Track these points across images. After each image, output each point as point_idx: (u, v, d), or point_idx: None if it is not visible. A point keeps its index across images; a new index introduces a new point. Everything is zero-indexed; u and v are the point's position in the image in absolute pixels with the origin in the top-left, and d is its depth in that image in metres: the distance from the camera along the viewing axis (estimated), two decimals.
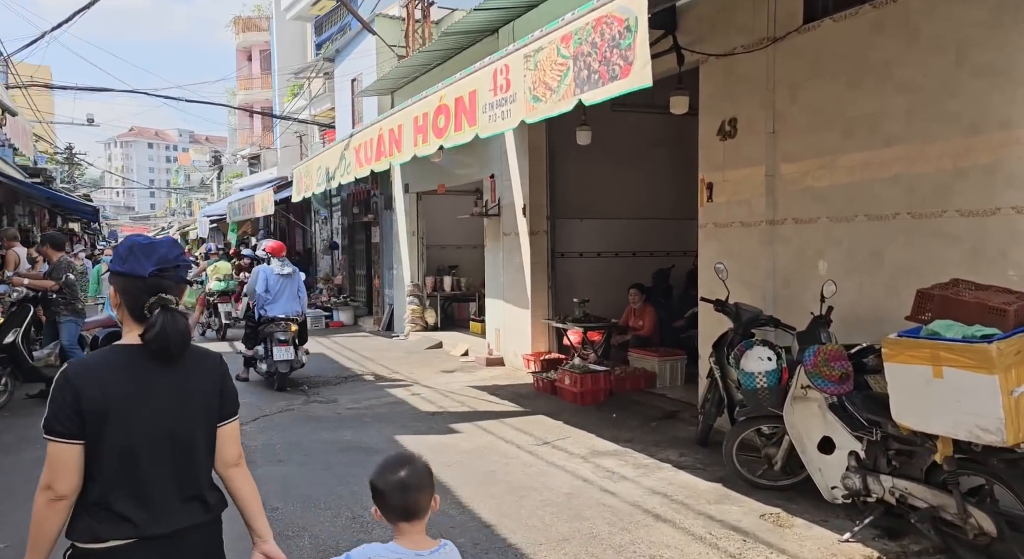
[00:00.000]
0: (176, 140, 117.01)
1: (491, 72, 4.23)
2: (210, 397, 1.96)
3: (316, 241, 19.59)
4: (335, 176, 7.72)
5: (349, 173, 7.19)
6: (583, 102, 3.53)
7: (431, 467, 2.01)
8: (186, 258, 2.06)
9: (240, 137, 44.91)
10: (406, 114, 5.52)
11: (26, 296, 7.28)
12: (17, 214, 19.92)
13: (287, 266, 8.65)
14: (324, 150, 9.05)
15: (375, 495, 1.93)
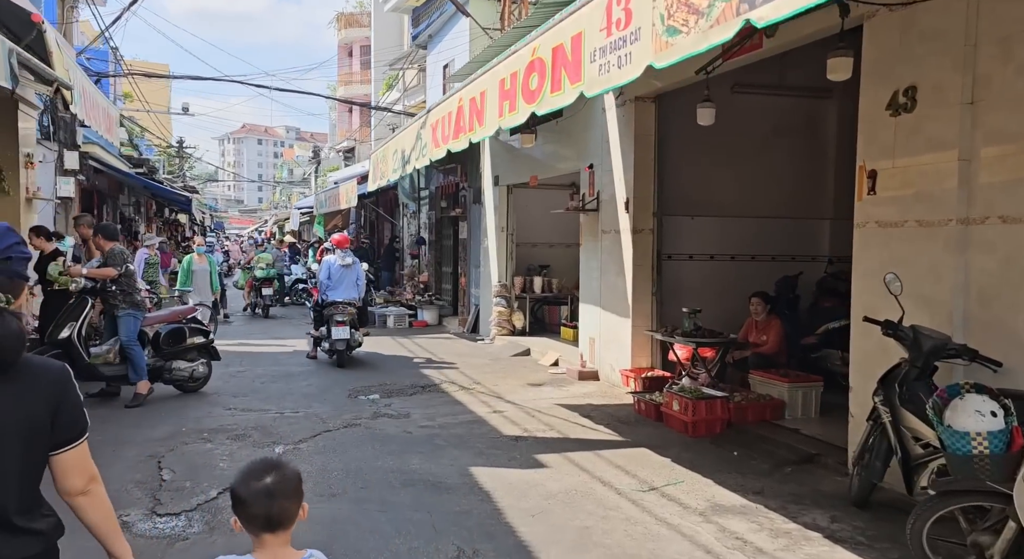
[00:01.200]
0: (283, 137, 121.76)
1: (604, 4, 3.14)
2: (37, 420, 1.68)
3: (403, 236, 19.03)
4: (411, 159, 6.86)
5: (425, 155, 6.30)
6: (754, 24, 2.38)
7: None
8: (22, 249, 1.76)
9: (339, 132, 45.69)
10: (490, 78, 4.53)
11: (83, 288, 6.77)
12: (121, 204, 20.44)
13: (348, 257, 9.80)
14: (400, 131, 8.23)
15: (236, 504, 1.75)
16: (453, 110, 5.40)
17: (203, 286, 11.64)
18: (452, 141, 5.44)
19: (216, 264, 12.33)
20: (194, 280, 11.78)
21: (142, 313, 7.14)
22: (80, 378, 6.74)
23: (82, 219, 8.96)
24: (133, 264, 7.14)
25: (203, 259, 11.92)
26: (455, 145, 5.55)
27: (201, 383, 7.69)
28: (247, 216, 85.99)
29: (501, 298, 11.95)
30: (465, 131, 5.15)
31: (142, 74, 15.65)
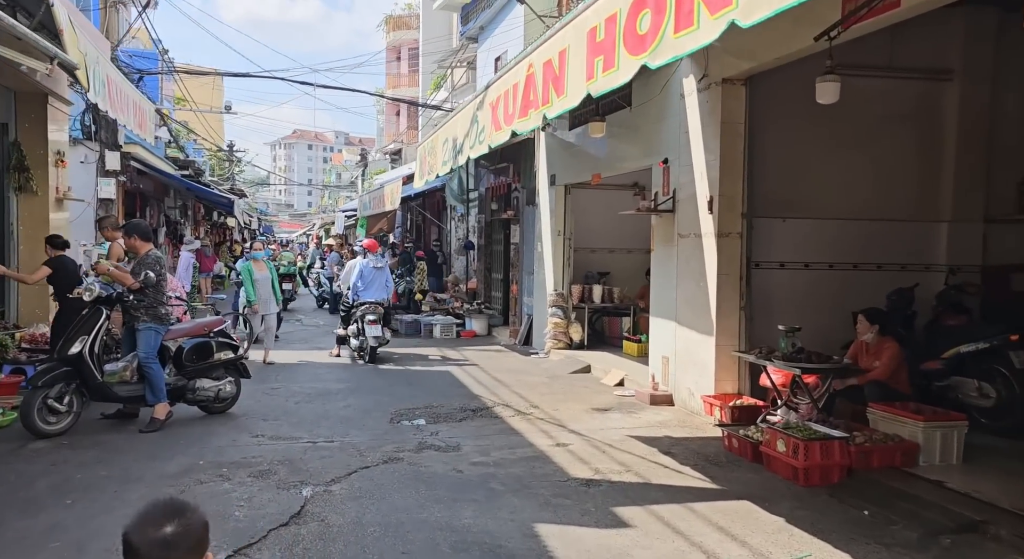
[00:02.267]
0: (332, 141, 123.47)
1: None
2: None
3: (451, 240, 18.20)
4: (463, 148, 5.94)
5: (482, 141, 5.36)
6: None
7: None
8: None
9: (386, 135, 45.49)
10: (574, 31, 3.54)
11: (99, 297, 6.03)
12: (167, 207, 20.13)
13: (380, 260, 10.71)
14: (451, 117, 7.31)
15: (126, 552, 1.48)
16: (520, 80, 4.43)
17: (267, 297, 10.16)
18: (519, 120, 4.46)
19: (276, 271, 10.71)
20: (259, 290, 10.27)
21: (165, 327, 6.36)
22: (93, 398, 6.03)
23: (106, 221, 8.26)
24: (164, 271, 6.36)
25: (262, 266, 10.27)
26: (523, 124, 4.55)
27: (228, 404, 6.89)
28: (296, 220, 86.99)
29: (557, 308, 10.95)
30: (537, 105, 4.17)
31: (185, 71, 15.19)
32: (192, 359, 6.57)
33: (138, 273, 6.18)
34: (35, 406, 5.60)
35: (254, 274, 9.99)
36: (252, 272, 9.98)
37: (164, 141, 18.18)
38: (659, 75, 7.58)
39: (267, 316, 9.99)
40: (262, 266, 10.15)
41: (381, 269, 10.54)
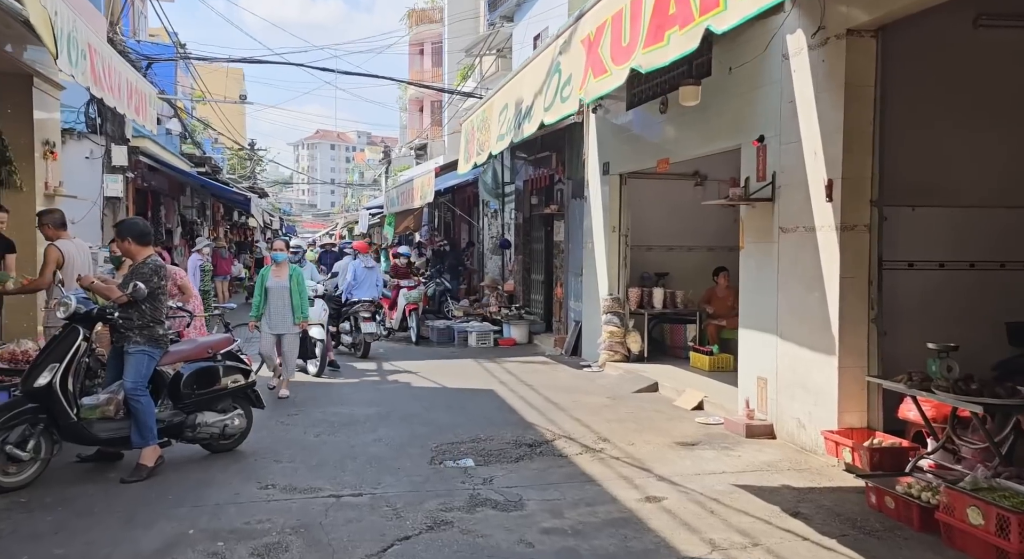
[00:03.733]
0: (355, 141, 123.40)
1: None
2: None
3: (484, 238, 16.91)
4: (532, 112, 4.62)
5: (568, 97, 4.05)
6: None
7: None
8: None
9: (409, 132, 44.47)
10: None
11: (75, 313, 4.80)
12: (183, 206, 19.10)
13: (369, 261, 11.39)
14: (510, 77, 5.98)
15: None
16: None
17: (279, 310, 7.91)
18: (647, 52, 3.01)
19: (305, 278, 8.54)
20: (268, 303, 7.94)
21: (160, 351, 5.13)
22: (66, 439, 4.81)
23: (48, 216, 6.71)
24: (165, 283, 5.12)
25: (283, 272, 8.05)
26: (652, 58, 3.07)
27: (236, 440, 5.66)
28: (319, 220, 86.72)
29: (612, 315, 9.60)
30: (690, 18, 2.73)
31: (198, 58, 14.08)
32: (193, 388, 5.33)
33: (124, 285, 4.95)
34: None
35: (267, 280, 8.02)
36: (266, 278, 8.06)
37: (177, 134, 17.10)
38: (753, 36, 6.20)
39: (283, 337, 7.96)
40: (282, 271, 8.07)
41: (371, 269, 11.10)
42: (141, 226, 5.30)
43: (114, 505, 4.45)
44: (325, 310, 9.55)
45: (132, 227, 5.26)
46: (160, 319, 5.16)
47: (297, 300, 8.02)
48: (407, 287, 13.02)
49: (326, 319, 9.41)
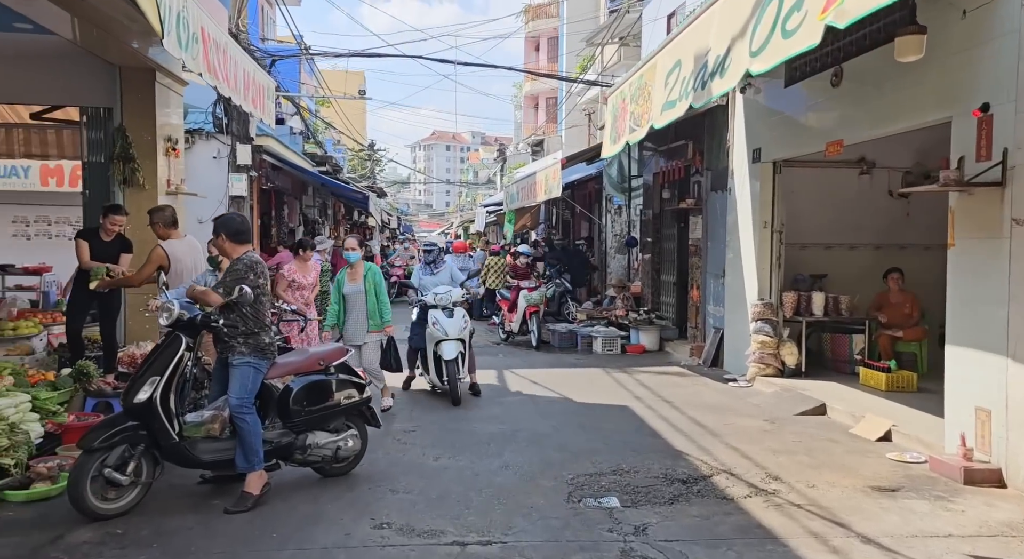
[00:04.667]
0: (469, 142, 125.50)
1: None
2: None
3: (606, 236, 15.91)
4: (730, 63, 3.66)
5: (795, 33, 3.06)
6: None
7: None
8: None
9: (524, 130, 44.11)
10: None
11: (178, 319, 4.31)
12: (305, 205, 19.33)
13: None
14: (692, 20, 4.93)
15: None
16: None
17: (355, 319, 7.02)
18: None
19: (382, 279, 7.28)
20: (346, 310, 7.07)
21: (267, 362, 4.57)
22: (169, 461, 4.28)
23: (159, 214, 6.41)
24: (264, 282, 4.55)
25: (357, 274, 7.09)
26: None
27: (350, 463, 5.04)
28: (435, 219, 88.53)
29: (764, 323, 8.39)
30: None
31: (319, 54, 13.96)
32: (303, 405, 4.75)
33: (229, 287, 4.42)
34: (87, 477, 3.96)
35: (344, 286, 7.02)
36: (342, 284, 7.06)
37: (299, 133, 17.21)
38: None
39: (362, 348, 6.96)
40: (357, 274, 7.05)
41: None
42: (237, 222, 4.70)
43: (214, 544, 3.87)
44: (466, 322, 7.63)
45: (227, 223, 4.68)
46: (264, 325, 4.60)
47: (373, 304, 6.99)
48: (527, 288, 12.26)
49: (468, 334, 7.63)
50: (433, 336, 7.48)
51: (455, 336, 7.38)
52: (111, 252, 6.45)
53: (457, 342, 7.39)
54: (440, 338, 7.41)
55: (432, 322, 7.50)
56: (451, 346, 7.35)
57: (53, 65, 7.64)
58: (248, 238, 4.71)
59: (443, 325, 7.44)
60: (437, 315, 7.50)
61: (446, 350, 7.33)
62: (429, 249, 8.55)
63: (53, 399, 5.38)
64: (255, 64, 7.98)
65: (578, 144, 22.22)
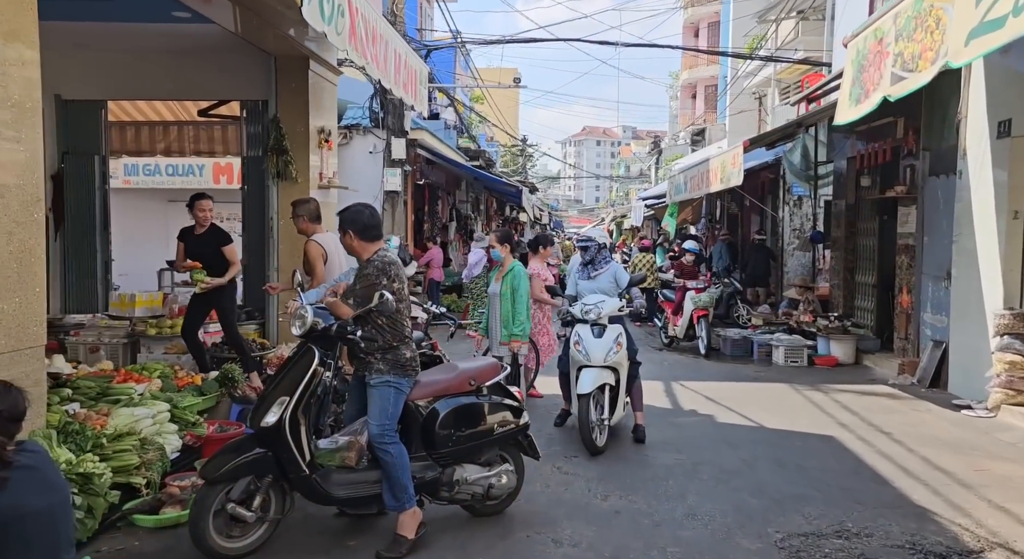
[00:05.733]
0: (620, 136, 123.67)
1: None
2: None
3: (783, 231, 14.19)
4: None
5: None
6: None
7: None
8: None
9: (681, 120, 42.15)
10: None
11: (311, 329, 3.68)
12: (458, 200, 19.15)
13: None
14: None
15: None
16: None
17: (493, 326, 6.37)
18: None
19: (524, 282, 6.24)
20: (489, 314, 6.45)
21: (409, 380, 3.86)
22: (299, 492, 3.56)
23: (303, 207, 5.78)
24: (401, 286, 3.85)
25: (501, 272, 6.38)
26: None
27: (503, 502, 4.24)
28: (584, 215, 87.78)
29: (1015, 338, 6.67)
30: None
31: (472, 42, 13.48)
32: (451, 432, 3.99)
33: (362, 295, 3.73)
34: (208, 513, 3.42)
35: (491, 285, 6.40)
36: (489, 284, 6.45)
37: (453, 128, 16.93)
38: None
39: (502, 360, 5.74)
40: (500, 275, 6.31)
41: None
42: (366, 217, 3.90)
43: None
44: (620, 344, 5.94)
45: (356, 218, 3.87)
46: (404, 336, 3.87)
47: (507, 310, 5.98)
48: (695, 289, 11.01)
49: (624, 359, 5.81)
50: (575, 360, 5.73)
51: (599, 362, 5.58)
52: (208, 247, 6.12)
53: (602, 371, 5.60)
54: (582, 363, 5.64)
55: (574, 341, 5.75)
56: (590, 376, 5.54)
57: (213, 59, 7.56)
58: (379, 234, 3.96)
59: (586, 346, 5.63)
60: (581, 333, 5.72)
61: (582, 381, 5.54)
62: (585, 245, 6.30)
63: (196, 405, 5.04)
64: (408, 47, 7.44)
65: (746, 131, 20.35)
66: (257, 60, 7.44)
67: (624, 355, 5.76)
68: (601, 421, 5.55)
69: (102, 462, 3.67)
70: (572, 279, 6.34)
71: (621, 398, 5.82)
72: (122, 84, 7.93)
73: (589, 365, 5.61)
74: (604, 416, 5.58)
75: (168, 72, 7.74)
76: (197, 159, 12.00)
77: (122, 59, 7.68)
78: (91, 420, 4.22)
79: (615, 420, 5.76)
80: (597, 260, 6.20)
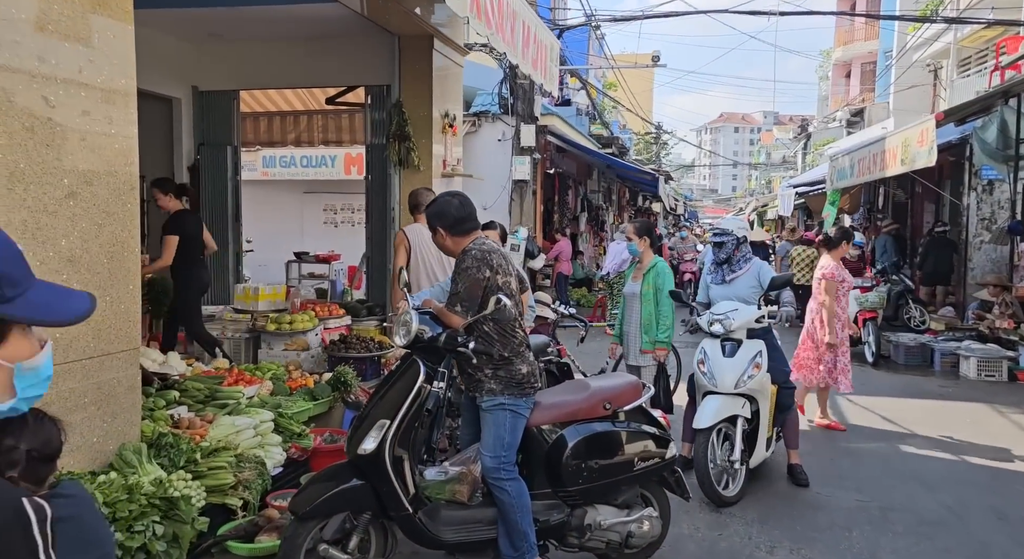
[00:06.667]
0: (760, 122, 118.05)
1: None
2: None
3: (968, 221, 12.24)
4: None
5: None
6: None
7: None
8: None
9: (832, 103, 38.97)
10: None
11: (416, 339, 3.10)
12: (590, 190, 18.34)
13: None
14: None
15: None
16: None
17: (630, 330, 5.15)
18: None
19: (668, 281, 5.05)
20: (625, 317, 5.23)
21: (528, 402, 3.20)
22: (401, 530, 2.94)
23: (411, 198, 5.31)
24: (507, 280, 3.19)
25: (640, 269, 5.16)
26: None
27: (643, 551, 3.48)
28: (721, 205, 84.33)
29: None
30: None
31: (606, 19, 12.61)
32: (581, 467, 3.28)
33: (466, 298, 3.09)
34: (299, 552, 2.93)
35: (627, 284, 5.31)
36: (625, 282, 5.44)
37: (585, 114, 16.13)
38: None
39: (642, 370, 5.00)
40: (640, 271, 5.14)
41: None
42: (455, 208, 3.18)
43: None
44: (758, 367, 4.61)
45: (442, 212, 3.18)
46: (518, 348, 3.20)
47: (649, 313, 4.97)
48: (861, 288, 9.62)
49: (761, 386, 4.62)
50: (700, 385, 4.67)
51: (728, 388, 4.46)
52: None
53: (730, 400, 4.46)
54: (707, 388, 4.57)
55: (698, 360, 4.69)
56: (712, 406, 4.45)
57: (339, 44, 7.30)
58: (475, 224, 3.26)
59: (712, 367, 4.55)
60: (708, 350, 4.66)
61: (702, 412, 4.45)
62: (720, 240, 4.89)
63: (306, 411, 4.66)
64: (538, 19, 6.78)
65: (917, 109, 18.04)
66: (381, 43, 7.08)
67: (765, 379, 4.57)
68: (731, 463, 4.42)
69: (195, 480, 3.30)
70: (703, 282, 5.17)
71: (762, 435, 4.62)
72: (253, 73, 7.86)
73: (714, 391, 4.51)
74: (734, 457, 4.41)
75: (295, 59, 7.58)
76: (329, 150, 12.03)
77: (253, 48, 7.60)
78: (195, 427, 3.91)
79: (755, 462, 4.62)
80: (735, 259, 4.86)
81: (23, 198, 2.84)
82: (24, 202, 2.84)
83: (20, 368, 1.04)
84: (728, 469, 4.45)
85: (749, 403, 4.53)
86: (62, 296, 1.07)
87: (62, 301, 1.07)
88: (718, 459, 4.41)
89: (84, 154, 3.11)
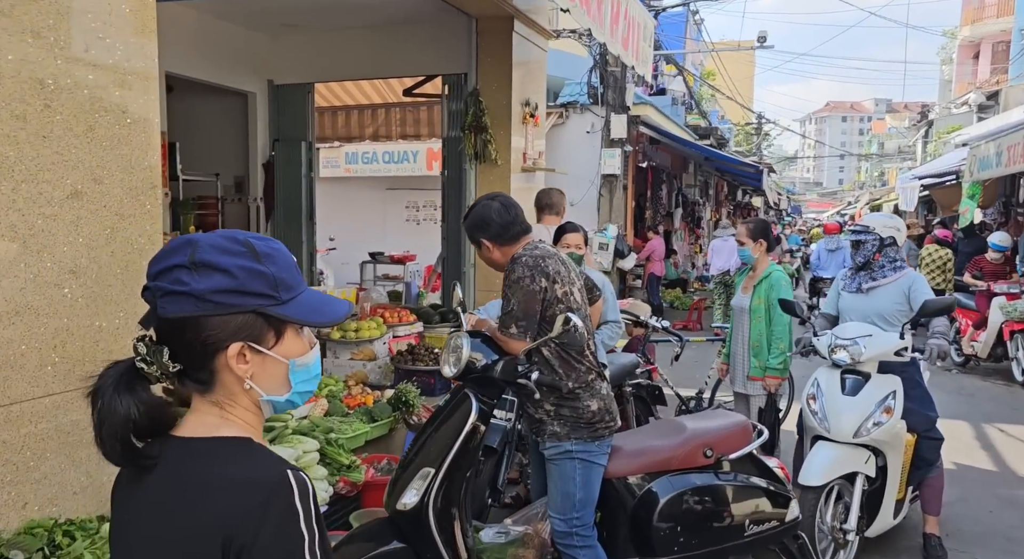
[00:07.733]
0: (871, 111, 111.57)
1: None
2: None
3: None
4: None
5: None
6: None
7: None
8: (178, 275, 1.02)
9: (956, 88, 35.87)
10: None
11: (467, 369, 2.49)
12: (685, 184, 17.27)
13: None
14: None
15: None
16: None
17: (738, 350, 4.39)
18: None
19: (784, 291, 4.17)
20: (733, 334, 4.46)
21: (603, 447, 2.55)
22: None
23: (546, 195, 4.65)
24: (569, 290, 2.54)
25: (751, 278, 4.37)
26: None
27: None
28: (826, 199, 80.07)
29: None
30: None
31: None
32: (675, 529, 2.59)
33: (521, 316, 2.48)
34: None
35: (736, 296, 4.51)
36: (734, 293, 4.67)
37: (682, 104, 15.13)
38: None
39: (750, 399, 4.29)
40: (751, 280, 4.37)
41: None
42: (495, 212, 2.61)
43: None
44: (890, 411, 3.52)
45: (483, 223, 2.63)
46: (585, 376, 2.55)
47: (758, 332, 4.17)
48: (1006, 295, 8.32)
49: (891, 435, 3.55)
50: (808, 426, 3.68)
51: (845, 436, 3.46)
52: None
53: (848, 452, 3.47)
54: (816, 433, 3.60)
55: (808, 394, 3.70)
56: (825, 457, 3.46)
57: (413, 31, 6.84)
58: (522, 226, 2.64)
59: (826, 405, 3.56)
60: (822, 381, 3.66)
61: (811, 463, 3.46)
62: (859, 239, 3.89)
63: (364, 435, 4.17)
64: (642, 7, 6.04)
65: None
66: (459, 28, 6.55)
67: (898, 428, 3.53)
68: (843, 533, 3.45)
69: None
70: (834, 289, 4.13)
71: (888, 498, 3.61)
72: (328, 65, 7.54)
73: (827, 438, 3.52)
74: (848, 525, 3.44)
75: (370, 49, 7.18)
76: (410, 145, 11.68)
77: (326, 38, 7.28)
78: None
79: (876, 532, 3.64)
80: (876, 265, 3.84)
81: (11, 198, 2.43)
82: (13, 203, 2.43)
83: (294, 364, 1.11)
84: (840, 538, 3.46)
85: (875, 457, 3.53)
86: (326, 301, 1.15)
87: (326, 305, 1.13)
88: (827, 525, 3.43)
89: (91, 147, 2.69)
